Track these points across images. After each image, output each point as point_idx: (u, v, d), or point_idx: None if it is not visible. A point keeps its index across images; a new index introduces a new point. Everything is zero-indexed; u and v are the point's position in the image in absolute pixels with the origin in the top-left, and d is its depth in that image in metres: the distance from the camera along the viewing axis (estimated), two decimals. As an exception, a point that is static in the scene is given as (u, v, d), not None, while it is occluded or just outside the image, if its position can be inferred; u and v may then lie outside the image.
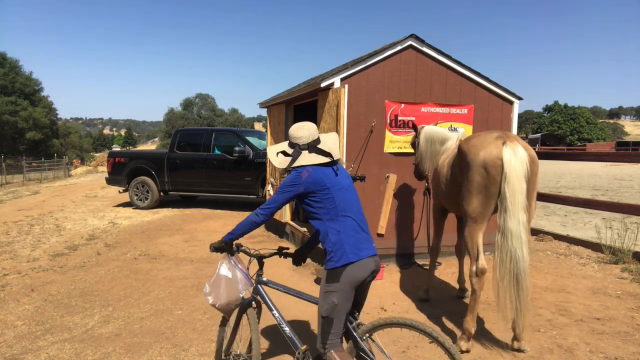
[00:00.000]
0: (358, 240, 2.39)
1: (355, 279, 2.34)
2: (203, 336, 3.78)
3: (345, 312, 2.39)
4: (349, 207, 2.43)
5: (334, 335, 2.40)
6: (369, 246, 2.42)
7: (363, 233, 2.43)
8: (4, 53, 44.27)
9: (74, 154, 49.62)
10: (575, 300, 4.47)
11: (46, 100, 47.88)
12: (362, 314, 4.21)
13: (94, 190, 15.86)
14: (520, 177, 3.24)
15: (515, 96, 6.16)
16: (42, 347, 3.64)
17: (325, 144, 2.55)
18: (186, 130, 12.93)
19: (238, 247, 2.80)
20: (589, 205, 6.38)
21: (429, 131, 4.54)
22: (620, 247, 5.76)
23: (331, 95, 5.43)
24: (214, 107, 54.10)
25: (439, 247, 4.54)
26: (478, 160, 3.39)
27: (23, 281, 5.35)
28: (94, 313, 4.33)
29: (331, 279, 2.37)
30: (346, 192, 2.46)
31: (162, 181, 10.88)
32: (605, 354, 3.37)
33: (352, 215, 2.43)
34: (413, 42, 5.63)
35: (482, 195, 3.41)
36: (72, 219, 9.72)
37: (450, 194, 3.94)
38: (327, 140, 2.60)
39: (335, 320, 2.38)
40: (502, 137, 3.40)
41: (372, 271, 2.40)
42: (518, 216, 3.22)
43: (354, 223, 2.42)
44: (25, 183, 22.17)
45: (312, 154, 2.49)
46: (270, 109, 8.38)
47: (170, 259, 6.31)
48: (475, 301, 3.43)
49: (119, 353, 3.51)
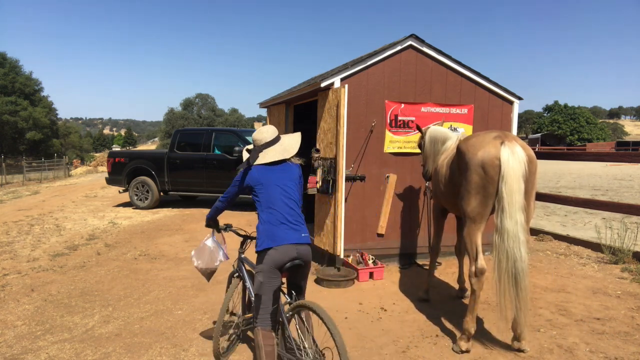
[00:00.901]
0: (280, 229, 2.75)
1: (274, 262, 2.71)
2: (203, 336, 3.78)
3: (271, 290, 2.75)
4: (277, 202, 2.81)
5: (263, 311, 2.76)
6: (292, 235, 2.75)
7: (288, 224, 2.77)
8: (4, 53, 44.31)
9: (74, 154, 49.61)
10: (575, 300, 4.47)
11: (46, 100, 47.87)
12: (362, 313, 4.22)
13: (94, 190, 15.86)
14: (518, 177, 3.24)
15: (515, 96, 6.16)
16: (42, 347, 3.64)
17: (282, 144, 2.98)
18: (186, 130, 12.92)
19: (228, 227, 3.40)
20: (589, 205, 6.39)
21: (433, 131, 4.58)
22: (620, 247, 5.76)
23: (331, 95, 5.43)
24: (214, 107, 54.08)
25: (439, 247, 4.54)
26: (476, 160, 3.39)
27: (23, 281, 5.35)
28: (94, 313, 4.33)
29: (258, 261, 2.81)
30: (278, 188, 2.84)
31: (162, 181, 10.88)
32: (605, 354, 3.37)
33: (278, 209, 2.79)
34: (413, 42, 5.63)
35: (480, 195, 3.41)
36: (72, 219, 9.72)
37: (449, 194, 3.94)
38: (286, 139, 3.03)
39: (264, 297, 2.76)
40: (501, 137, 3.40)
41: (292, 257, 2.73)
42: (515, 216, 3.22)
43: (280, 215, 2.78)
44: (25, 183, 22.18)
45: (262, 155, 2.92)
46: (270, 109, 8.38)
47: (170, 259, 6.31)
48: (474, 301, 3.43)
49: (119, 353, 3.51)
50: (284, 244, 2.71)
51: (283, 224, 2.77)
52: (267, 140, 2.96)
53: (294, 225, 2.78)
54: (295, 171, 2.99)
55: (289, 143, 3.02)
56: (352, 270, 5.20)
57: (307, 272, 2.94)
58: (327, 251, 5.59)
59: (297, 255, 2.75)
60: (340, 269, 5.33)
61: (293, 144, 3.03)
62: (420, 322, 4.04)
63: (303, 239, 2.79)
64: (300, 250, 2.76)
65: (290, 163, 3.00)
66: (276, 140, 2.99)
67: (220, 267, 5.85)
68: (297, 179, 2.97)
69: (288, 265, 2.73)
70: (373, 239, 5.77)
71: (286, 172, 2.94)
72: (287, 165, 2.97)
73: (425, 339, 3.68)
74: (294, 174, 2.96)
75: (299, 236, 2.78)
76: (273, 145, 2.96)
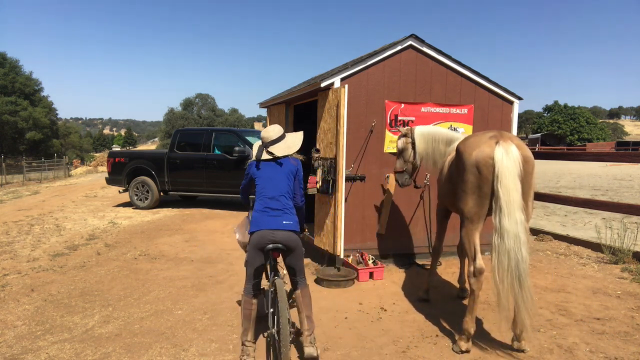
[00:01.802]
0: (261, 217, 3.19)
1: (255, 244, 3.17)
2: (203, 336, 3.78)
3: (253, 267, 3.23)
4: (265, 192, 3.24)
5: (247, 282, 3.28)
6: (271, 221, 3.16)
7: (270, 211, 3.19)
8: (4, 53, 44.29)
9: (74, 154, 49.59)
10: (575, 300, 4.47)
11: (46, 100, 47.86)
12: (362, 313, 4.22)
13: (94, 190, 15.87)
14: (514, 176, 3.21)
15: (515, 96, 6.16)
16: (42, 347, 3.64)
17: (286, 141, 3.38)
18: (186, 130, 12.93)
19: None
20: (588, 205, 6.38)
21: (429, 131, 4.48)
22: (620, 247, 5.76)
23: (331, 95, 5.43)
24: (214, 107, 54.09)
25: (441, 248, 4.53)
26: (471, 160, 3.39)
27: (23, 281, 5.35)
28: (94, 313, 4.33)
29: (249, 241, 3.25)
30: (269, 181, 3.26)
31: (162, 181, 10.88)
32: (605, 354, 3.37)
33: (265, 199, 3.23)
34: (413, 42, 5.63)
35: (475, 195, 3.40)
36: (72, 219, 9.72)
37: (450, 194, 3.94)
38: (290, 137, 3.43)
39: (248, 270, 3.28)
40: (496, 137, 3.39)
41: (270, 241, 3.12)
42: (515, 215, 3.18)
43: (264, 204, 3.21)
44: (25, 183, 22.17)
45: (262, 151, 3.34)
46: (270, 109, 8.38)
47: (170, 259, 6.31)
48: (474, 301, 3.43)
49: (119, 353, 3.51)
50: (262, 229, 3.14)
51: (264, 212, 3.19)
52: (273, 138, 3.34)
53: (274, 213, 3.18)
54: (291, 165, 3.33)
55: (293, 140, 3.42)
56: (352, 270, 5.20)
57: (296, 255, 3.27)
58: (327, 251, 5.59)
59: (274, 239, 3.12)
60: (340, 269, 5.33)
61: (296, 141, 3.43)
62: (420, 322, 4.04)
63: (283, 226, 3.15)
64: (277, 236, 3.13)
65: (290, 158, 3.35)
66: (281, 138, 3.36)
67: (220, 267, 5.87)
68: (292, 173, 3.32)
69: (269, 247, 3.12)
70: (373, 239, 5.77)
71: (282, 166, 3.31)
72: (285, 160, 3.33)
73: (425, 339, 3.68)
74: (289, 168, 3.31)
75: (279, 223, 3.15)
76: (278, 143, 3.34)
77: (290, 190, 3.30)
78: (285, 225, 3.16)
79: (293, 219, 3.23)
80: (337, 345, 3.57)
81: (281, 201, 3.21)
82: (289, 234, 3.16)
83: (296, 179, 3.35)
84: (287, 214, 3.20)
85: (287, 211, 3.21)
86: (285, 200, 3.24)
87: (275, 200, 3.20)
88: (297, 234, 3.23)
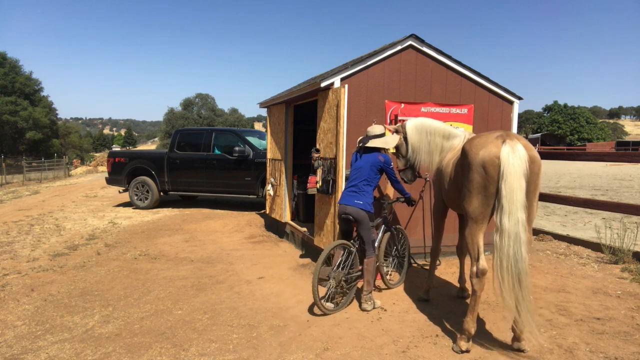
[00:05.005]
0: (343, 194, 4.42)
1: (338, 213, 4.42)
2: (203, 336, 3.78)
3: (341, 230, 4.55)
4: (352, 179, 4.39)
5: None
6: (345, 199, 4.34)
7: (349, 192, 4.33)
8: (4, 53, 44.24)
9: (74, 154, 49.60)
10: (575, 300, 4.47)
11: (46, 100, 47.84)
12: (362, 313, 4.22)
13: (94, 190, 15.87)
14: (519, 175, 3.20)
15: (515, 96, 6.16)
16: (42, 347, 3.64)
17: (385, 139, 4.41)
18: (186, 130, 12.94)
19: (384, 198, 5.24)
20: (589, 205, 6.38)
21: (422, 122, 4.32)
22: (620, 247, 5.76)
23: (331, 95, 5.43)
24: (214, 107, 54.04)
25: (440, 247, 4.53)
26: (477, 159, 3.38)
27: (23, 281, 5.35)
28: (94, 313, 4.33)
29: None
30: (356, 170, 4.38)
31: (162, 181, 10.88)
32: (605, 354, 3.37)
33: (351, 183, 4.37)
34: (413, 42, 5.63)
35: (481, 195, 3.39)
36: (72, 219, 9.72)
37: (454, 194, 3.92)
38: (388, 137, 4.44)
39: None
40: (503, 137, 3.38)
41: (342, 212, 4.32)
42: (516, 215, 3.17)
43: (350, 186, 4.37)
44: (25, 183, 22.17)
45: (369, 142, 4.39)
46: (270, 109, 8.38)
47: (170, 259, 6.31)
48: (475, 301, 3.42)
49: (119, 353, 3.51)
50: (340, 203, 4.37)
51: (345, 191, 4.41)
52: (376, 134, 4.38)
53: (350, 193, 4.30)
54: (376, 158, 4.30)
55: (389, 139, 4.39)
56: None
57: (362, 226, 4.26)
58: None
59: (344, 212, 4.28)
60: (340, 268, 5.32)
61: (390, 141, 4.38)
62: (420, 322, 4.04)
63: (353, 204, 4.23)
64: (347, 209, 4.26)
65: (378, 153, 4.35)
66: (381, 135, 4.39)
67: (220, 267, 5.87)
68: (376, 164, 4.28)
69: (342, 217, 4.33)
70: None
71: (369, 158, 4.32)
72: (374, 154, 4.33)
73: (425, 339, 3.68)
74: (373, 160, 4.29)
75: (351, 201, 4.25)
76: (378, 138, 4.36)
77: (376, 177, 4.32)
78: (355, 203, 4.21)
79: (364, 200, 4.22)
80: (337, 345, 3.57)
81: (358, 185, 4.28)
82: (356, 209, 4.20)
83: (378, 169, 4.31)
84: (361, 195, 4.25)
85: (363, 193, 4.25)
86: (364, 184, 4.26)
87: (353, 185, 4.30)
88: (365, 212, 4.20)
